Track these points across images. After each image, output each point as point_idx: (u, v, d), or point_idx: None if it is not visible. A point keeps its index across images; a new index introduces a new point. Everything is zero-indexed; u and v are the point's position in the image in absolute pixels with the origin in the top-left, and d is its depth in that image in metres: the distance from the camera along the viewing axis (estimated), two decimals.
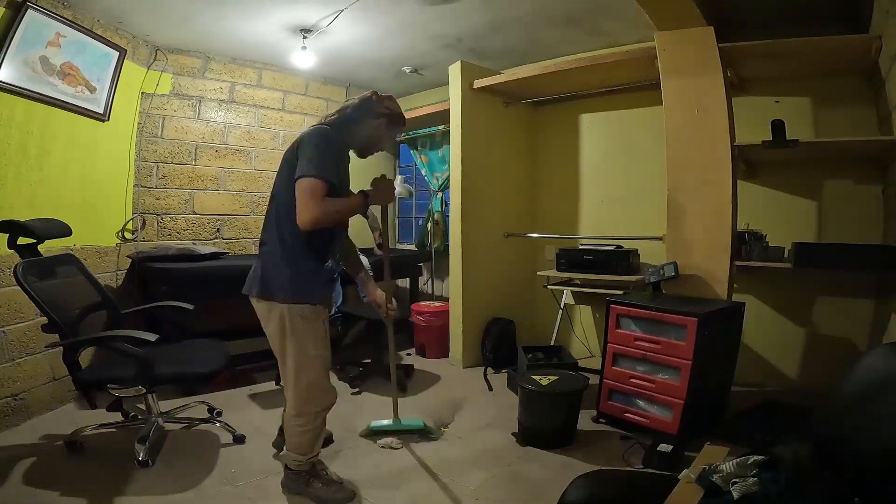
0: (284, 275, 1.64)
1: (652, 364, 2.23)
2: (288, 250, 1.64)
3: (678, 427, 2.11)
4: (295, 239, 1.63)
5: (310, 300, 1.66)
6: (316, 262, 1.69)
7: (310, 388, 1.68)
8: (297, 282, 1.64)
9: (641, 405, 2.28)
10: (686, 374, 2.10)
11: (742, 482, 0.95)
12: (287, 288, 1.63)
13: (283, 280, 1.64)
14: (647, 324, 2.26)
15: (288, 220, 1.60)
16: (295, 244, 1.63)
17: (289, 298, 1.63)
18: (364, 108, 1.76)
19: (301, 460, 1.75)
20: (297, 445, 1.74)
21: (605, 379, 2.40)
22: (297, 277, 1.64)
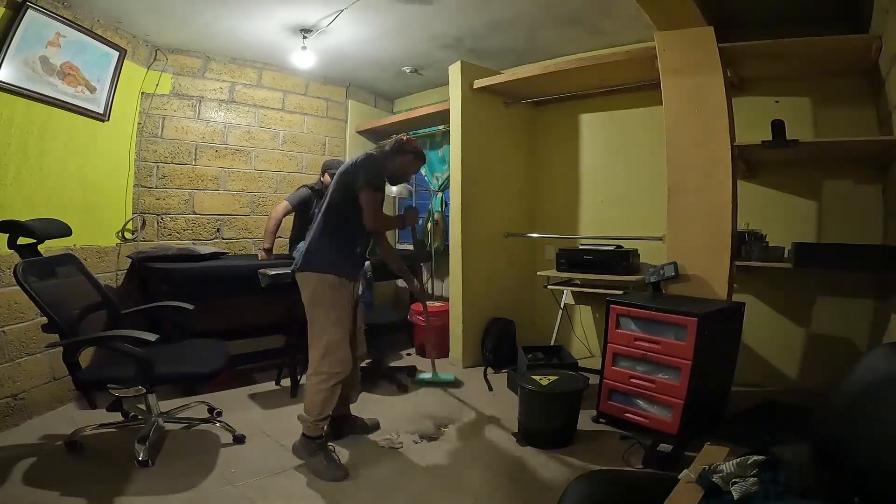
0: (321, 252, 2.05)
1: (652, 364, 2.23)
2: (328, 236, 2.07)
3: (678, 427, 2.11)
4: (335, 229, 2.07)
5: (337, 271, 2.02)
6: (347, 247, 2.10)
7: (328, 347, 1.97)
8: (330, 258, 2.03)
9: (641, 405, 2.28)
10: (686, 374, 2.10)
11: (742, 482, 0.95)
12: (322, 261, 2.03)
13: (320, 255, 2.04)
14: (647, 324, 2.26)
15: (335, 216, 2.07)
16: (335, 233, 2.07)
17: (322, 268, 2.01)
18: (398, 146, 2.20)
19: (310, 421, 1.98)
20: (310, 405, 1.99)
21: (605, 379, 2.40)
22: (330, 255, 2.04)
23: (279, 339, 3.21)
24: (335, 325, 2.00)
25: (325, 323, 2.00)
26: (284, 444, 2.21)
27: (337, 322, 2.01)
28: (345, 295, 2.05)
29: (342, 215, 2.08)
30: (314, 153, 4.20)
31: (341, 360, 2.00)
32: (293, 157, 4.08)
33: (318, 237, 2.09)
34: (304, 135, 4.14)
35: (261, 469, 2.00)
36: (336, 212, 2.08)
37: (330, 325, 1.99)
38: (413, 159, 2.25)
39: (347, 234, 2.09)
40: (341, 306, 2.03)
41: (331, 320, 2.00)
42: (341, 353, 2.00)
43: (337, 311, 2.01)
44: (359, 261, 2.19)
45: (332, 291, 2.01)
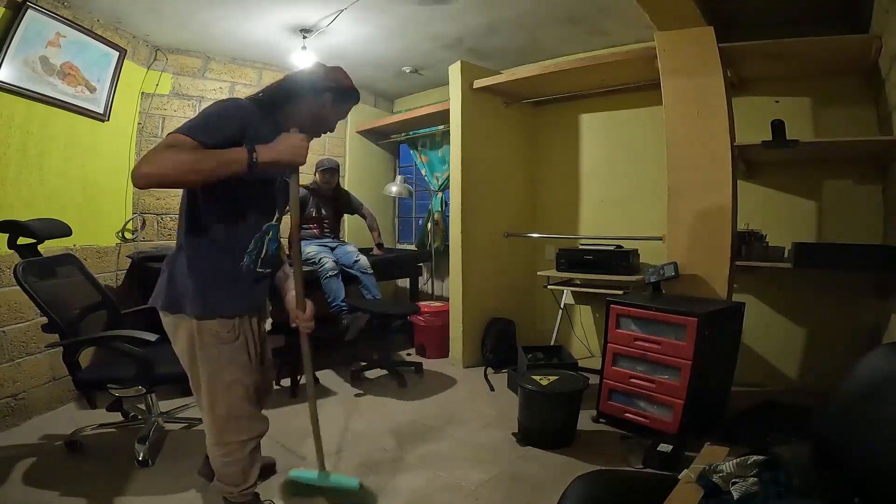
0: (189, 284, 1.37)
1: (652, 364, 2.23)
2: (192, 256, 1.38)
3: (678, 427, 2.11)
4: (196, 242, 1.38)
5: (222, 313, 1.39)
6: (228, 265, 1.40)
7: (229, 418, 1.44)
8: (206, 291, 1.37)
9: (641, 405, 2.28)
10: (686, 374, 2.10)
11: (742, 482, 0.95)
12: (195, 297, 1.36)
13: (189, 290, 1.37)
14: (647, 324, 2.26)
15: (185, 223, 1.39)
16: (198, 248, 1.38)
17: (198, 311, 1.36)
18: (305, 83, 1.48)
19: (233, 492, 1.53)
20: (224, 476, 1.52)
21: (605, 379, 2.40)
22: (204, 286, 1.37)
23: (279, 339, 3.20)
24: (232, 387, 1.42)
25: (214, 386, 1.41)
26: (284, 444, 2.21)
27: (234, 383, 1.42)
28: (242, 340, 1.43)
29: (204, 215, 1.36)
30: (314, 153, 4.17)
31: (250, 421, 1.49)
32: None
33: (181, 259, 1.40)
34: None
35: None
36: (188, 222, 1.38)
37: (223, 388, 1.41)
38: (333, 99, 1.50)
39: (224, 242, 1.38)
40: (239, 359, 1.42)
41: (223, 382, 1.41)
42: (247, 414, 1.47)
43: (228, 367, 1.41)
44: (254, 277, 1.46)
45: (217, 344, 1.38)
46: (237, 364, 1.43)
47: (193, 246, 1.39)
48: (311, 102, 1.47)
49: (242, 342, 1.44)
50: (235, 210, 1.38)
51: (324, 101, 1.49)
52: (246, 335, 1.45)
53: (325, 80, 1.49)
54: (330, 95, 1.49)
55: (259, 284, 1.51)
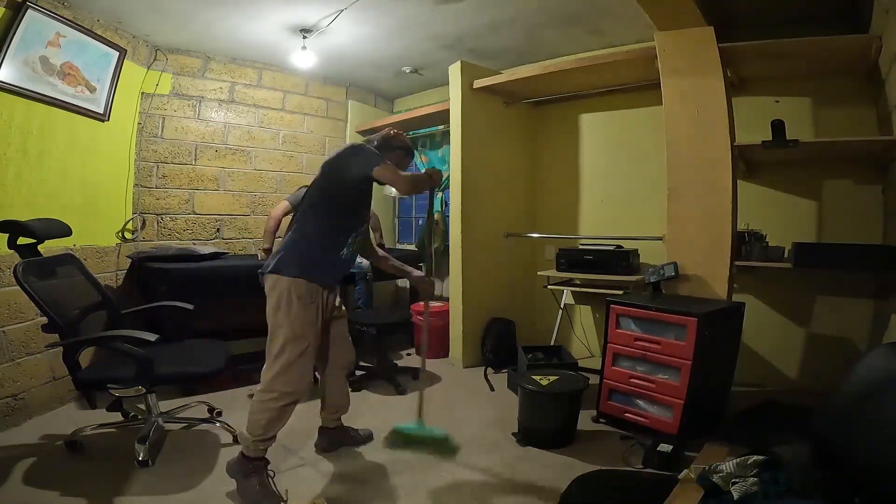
0: (295, 254, 1.81)
1: (652, 364, 2.23)
2: (306, 237, 1.84)
3: (678, 427, 2.11)
4: (318, 229, 1.84)
5: (310, 277, 1.79)
6: (331, 249, 1.86)
7: (286, 364, 1.76)
8: (304, 262, 1.80)
9: (641, 405, 2.28)
10: (686, 374, 2.10)
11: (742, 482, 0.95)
12: (294, 265, 1.79)
13: (293, 258, 1.80)
14: (647, 324, 2.26)
15: (313, 214, 1.85)
16: (314, 233, 1.84)
17: (293, 273, 1.77)
18: (388, 142, 2.07)
19: (250, 441, 1.77)
20: (253, 423, 1.77)
21: (605, 379, 2.40)
22: (307, 258, 1.81)
23: None
24: (297, 341, 1.77)
25: (287, 336, 1.76)
26: (285, 444, 2.21)
27: (301, 337, 1.78)
28: (314, 306, 1.81)
29: (330, 211, 1.85)
30: (314, 153, 4.20)
31: (298, 379, 1.79)
32: (293, 157, 4.08)
33: (297, 238, 1.85)
34: (304, 135, 4.14)
35: None
36: (323, 209, 1.85)
37: (292, 339, 1.76)
38: (403, 155, 2.10)
39: (333, 234, 1.87)
40: (308, 320, 1.79)
41: (295, 334, 1.77)
42: (299, 371, 1.78)
43: (302, 324, 1.78)
44: (342, 266, 1.95)
45: (299, 303, 1.77)
46: (309, 322, 1.80)
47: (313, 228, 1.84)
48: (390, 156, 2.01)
49: (316, 307, 1.82)
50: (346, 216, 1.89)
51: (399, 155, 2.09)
52: (319, 303, 1.83)
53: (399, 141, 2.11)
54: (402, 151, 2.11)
55: (341, 270, 1.97)
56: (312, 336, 1.82)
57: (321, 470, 2.01)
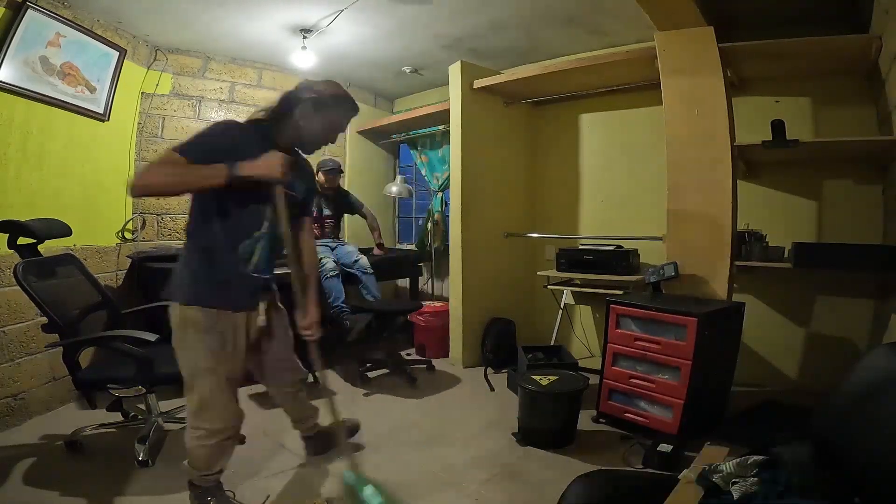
0: (184, 275, 1.54)
1: (652, 364, 2.23)
2: (187, 251, 1.57)
3: (678, 427, 2.11)
4: (198, 241, 1.55)
5: (204, 303, 1.51)
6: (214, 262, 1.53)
7: (202, 401, 1.54)
8: (195, 283, 1.52)
9: (641, 405, 2.28)
10: (686, 374, 2.10)
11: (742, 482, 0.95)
12: (183, 288, 1.53)
13: (183, 280, 1.54)
14: (647, 324, 2.26)
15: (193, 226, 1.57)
16: (198, 246, 1.55)
17: (183, 299, 1.52)
18: (289, 100, 1.60)
19: (194, 475, 1.62)
20: (195, 459, 1.59)
21: (605, 379, 2.40)
22: (195, 277, 1.53)
23: None
24: (206, 375, 1.53)
25: (190, 370, 1.54)
26: (284, 445, 2.21)
27: (210, 371, 1.53)
28: (221, 332, 1.53)
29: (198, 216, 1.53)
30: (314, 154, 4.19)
31: (221, 416, 1.56)
32: None
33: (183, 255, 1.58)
34: None
35: (261, 469, 2.00)
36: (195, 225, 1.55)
37: (198, 374, 1.53)
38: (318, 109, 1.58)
39: (212, 242, 1.52)
40: (215, 347, 1.52)
41: (198, 369, 1.53)
42: (219, 408, 1.56)
43: (205, 355, 1.52)
44: (246, 279, 1.58)
45: (195, 332, 1.51)
46: (212, 353, 1.53)
47: (190, 242, 1.57)
48: (296, 117, 1.60)
49: (220, 333, 1.53)
50: (224, 217, 1.52)
51: (311, 114, 1.59)
52: (225, 328, 1.55)
53: (302, 93, 1.59)
54: (308, 103, 1.58)
55: (249, 285, 1.61)
56: (224, 367, 1.55)
57: (321, 470, 2.01)
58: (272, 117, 1.62)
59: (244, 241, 1.56)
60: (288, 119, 1.60)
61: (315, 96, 1.58)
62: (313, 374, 3.04)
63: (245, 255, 1.57)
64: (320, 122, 1.61)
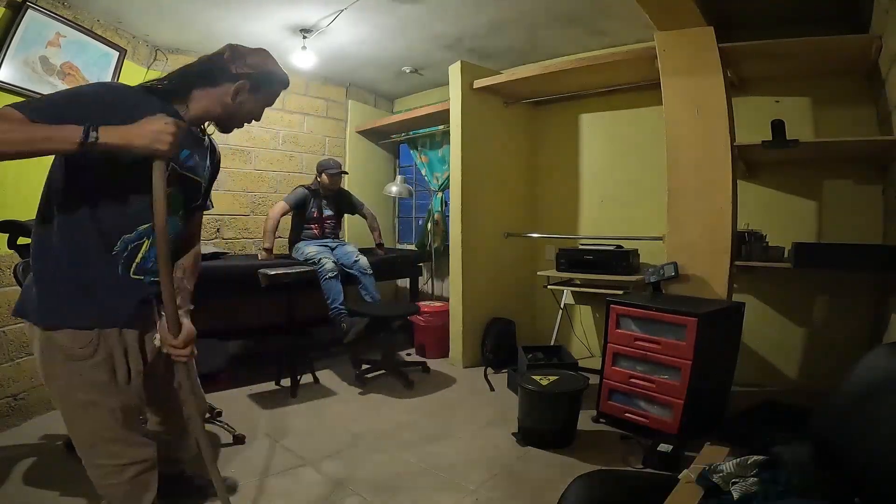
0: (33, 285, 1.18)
1: (652, 364, 2.23)
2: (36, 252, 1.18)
3: (678, 427, 2.11)
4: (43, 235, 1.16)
5: (73, 324, 1.16)
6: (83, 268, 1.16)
7: (92, 441, 1.23)
8: (51, 296, 1.16)
9: (641, 405, 2.28)
10: (686, 374, 2.10)
11: (742, 482, 0.95)
12: (38, 305, 1.16)
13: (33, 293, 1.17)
14: (648, 324, 2.26)
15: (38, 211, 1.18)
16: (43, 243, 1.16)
17: (41, 321, 1.16)
18: (216, 69, 1.28)
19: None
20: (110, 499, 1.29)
21: (605, 379, 2.40)
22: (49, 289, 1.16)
23: (279, 340, 3.21)
24: (89, 408, 1.20)
25: (66, 407, 1.21)
26: (284, 444, 2.21)
27: (90, 404, 1.20)
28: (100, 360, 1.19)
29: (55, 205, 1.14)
30: (314, 153, 4.20)
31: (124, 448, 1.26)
32: (293, 157, 4.08)
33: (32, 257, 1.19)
34: (304, 135, 4.14)
35: (261, 469, 2.00)
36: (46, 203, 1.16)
37: (77, 409, 1.21)
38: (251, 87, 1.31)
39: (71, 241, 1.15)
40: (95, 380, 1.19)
41: (76, 403, 1.20)
42: (116, 439, 1.24)
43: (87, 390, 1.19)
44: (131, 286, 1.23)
45: (67, 361, 1.16)
46: (93, 384, 1.19)
47: (40, 240, 1.17)
48: (223, 90, 1.28)
49: (103, 359, 1.19)
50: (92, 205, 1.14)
51: (238, 89, 1.29)
52: (110, 351, 1.20)
53: (241, 66, 1.28)
54: (246, 83, 1.29)
55: (135, 293, 1.24)
56: (110, 398, 1.21)
57: (321, 470, 2.01)
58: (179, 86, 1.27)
59: (126, 235, 1.19)
60: (204, 89, 1.28)
61: (252, 72, 1.29)
62: None
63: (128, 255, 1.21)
64: (250, 100, 1.32)
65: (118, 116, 1.06)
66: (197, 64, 1.31)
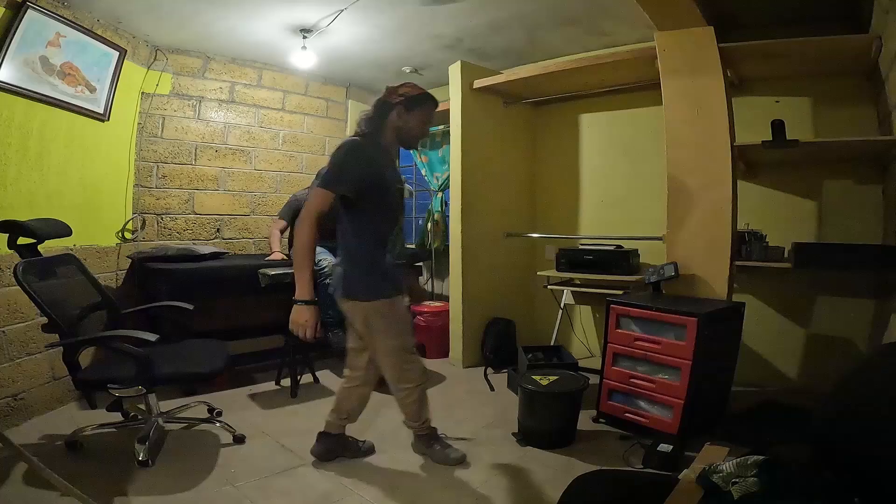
0: (357, 277, 1.85)
1: (652, 364, 2.23)
2: (356, 255, 1.86)
3: (678, 427, 2.11)
4: (360, 244, 1.85)
5: (382, 296, 1.84)
6: (380, 261, 1.87)
7: (396, 369, 1.93)
8: (369, 282, 1.84)
9: (642, 405, 2.28)
10: (686, 374, 2.10)
11: (742, 482, 0.95)
12: (363, 289, 1.83)
13: (358, 282, 1.84)
14: (648, 324, 2.26)
15: (350, 229, 1.84)
16: (359, 249, 1.85)
17: (367, 297, 1.83)
18: (382, 107, 1.86)
19: (415, 426, 2.08)
20: (410, 414, 2.05)
21: (605, 379, 2.40)
22: (368, 278, 1.84)
23: (279, 339, 3.20)
24: (396, 348, 1.90)
25: (384, 348, 1.89)
26: (284, 444, 2.21)
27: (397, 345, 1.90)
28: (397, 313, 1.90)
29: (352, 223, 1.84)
30: (314, 153, 4.20)
31: (411, 370, 1.96)
32: (293, 157, 4.08)
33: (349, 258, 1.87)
34: (304, 135, 4.14)
35: (261, 469, 2.00)
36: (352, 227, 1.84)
37: (390, 349, 1.89)
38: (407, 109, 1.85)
39: (369, 244, 1.85)
40: (397, 327, 1.89)
41: (389, 346, 1.89)
42: (408, 365, 1.95)
43: (393, 334, 1.88)
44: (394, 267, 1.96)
45: (382, 319, 1.85)
46: (398, 331, 1.90)
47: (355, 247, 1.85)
48: (392, 118, 1.86)
49: (398, 315, 1.89)
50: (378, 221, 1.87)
51: (398, 113, 1.85)
52: (399, 309, 1.90)
53: (394, 97, 1.85)
54: (401, 107, 1.85)
55: (398, 272, 1.99)
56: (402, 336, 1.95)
57: (322, 470, 2.01)
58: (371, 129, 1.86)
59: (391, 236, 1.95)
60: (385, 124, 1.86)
61: (401, 99, 1.84)
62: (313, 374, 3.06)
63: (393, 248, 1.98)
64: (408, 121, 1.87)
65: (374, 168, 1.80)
66: (374, 107, 1.88)
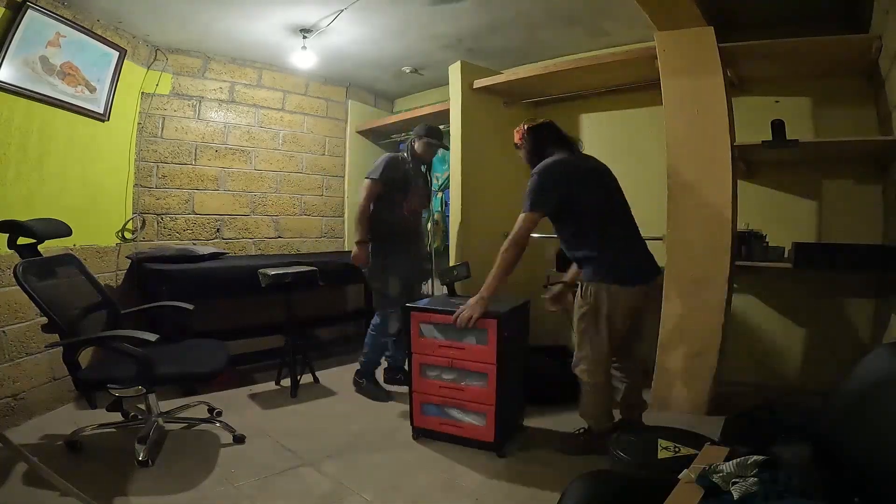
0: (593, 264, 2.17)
1: (459, 371, 2.14)
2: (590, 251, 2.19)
3: (493, 434, 2.07)
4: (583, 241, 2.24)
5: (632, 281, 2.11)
6: None
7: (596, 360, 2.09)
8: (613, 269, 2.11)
9: (455, 415, 2.18)
10: (493, 379, 2.04)
11: (742, 482, 0.95)
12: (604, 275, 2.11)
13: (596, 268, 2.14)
14: (448, 329, 2.13)
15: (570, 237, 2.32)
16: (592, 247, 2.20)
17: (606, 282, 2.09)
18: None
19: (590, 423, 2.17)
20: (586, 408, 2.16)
21: (414, 391, 2.24)
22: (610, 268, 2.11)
23: (279, 339, 3.20)
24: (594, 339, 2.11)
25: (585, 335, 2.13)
26: (284, 444, 2.21)
27: None
28: None
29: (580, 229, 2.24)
30: (314, 153, 4.20)
31: None
32: (293, 157, 4.08)
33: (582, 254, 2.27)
34: (304, 135, 4.14)
35: (261, 469, 2.00)
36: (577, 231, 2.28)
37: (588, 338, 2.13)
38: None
39: None
40: None
41: None
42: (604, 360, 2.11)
43: None
44: None
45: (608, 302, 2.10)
46: None
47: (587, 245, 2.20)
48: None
49: None
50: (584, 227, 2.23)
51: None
52: None
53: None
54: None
55: None
56: None
57: (321, 470, 2.01)
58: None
59: None
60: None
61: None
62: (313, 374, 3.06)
63: None
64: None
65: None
66: None
